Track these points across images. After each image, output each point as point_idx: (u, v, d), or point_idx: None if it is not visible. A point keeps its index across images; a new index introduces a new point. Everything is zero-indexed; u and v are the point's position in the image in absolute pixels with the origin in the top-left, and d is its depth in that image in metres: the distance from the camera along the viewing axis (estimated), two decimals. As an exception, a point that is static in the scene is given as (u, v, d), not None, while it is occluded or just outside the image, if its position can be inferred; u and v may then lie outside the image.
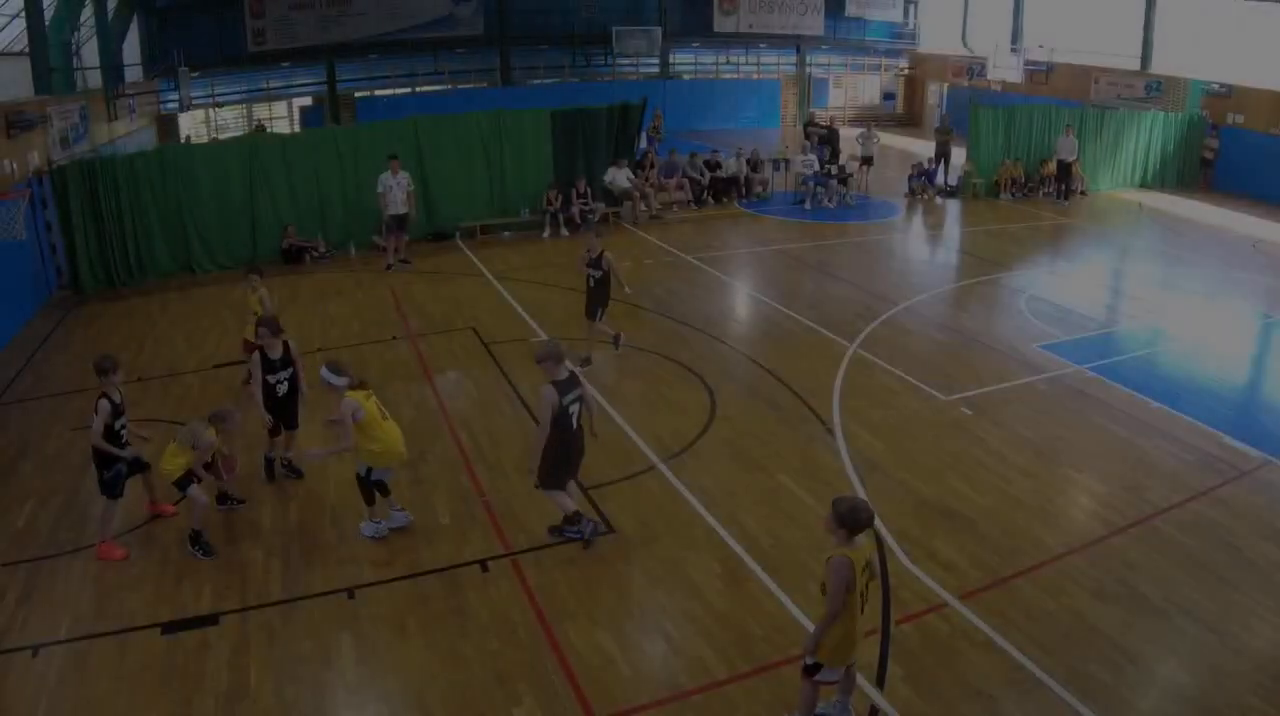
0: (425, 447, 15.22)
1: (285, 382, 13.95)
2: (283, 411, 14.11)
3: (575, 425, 12.36)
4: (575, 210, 30.76)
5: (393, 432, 12.30)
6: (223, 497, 13.61)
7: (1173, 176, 40.41)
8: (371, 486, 12.47)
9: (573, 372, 12.35)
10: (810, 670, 8.50)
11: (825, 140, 39.14)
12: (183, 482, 12.36)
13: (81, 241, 24.93)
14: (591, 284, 18.61)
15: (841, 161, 37.61)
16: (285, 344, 14.00)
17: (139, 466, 12.89)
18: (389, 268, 26.80)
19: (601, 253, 18.51)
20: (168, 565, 12.19)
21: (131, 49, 45.60)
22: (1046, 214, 33.85)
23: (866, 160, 38.46)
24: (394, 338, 20.90)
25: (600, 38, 55.77)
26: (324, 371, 12.02)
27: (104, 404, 12.03)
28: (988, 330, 20.68)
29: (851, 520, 8.10)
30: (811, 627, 8.81)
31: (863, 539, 8.27)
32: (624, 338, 19.26)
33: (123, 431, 12.47)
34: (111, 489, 12.43)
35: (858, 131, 39.82)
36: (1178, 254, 28.31)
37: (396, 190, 26.39)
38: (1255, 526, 12.68)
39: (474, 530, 12.84)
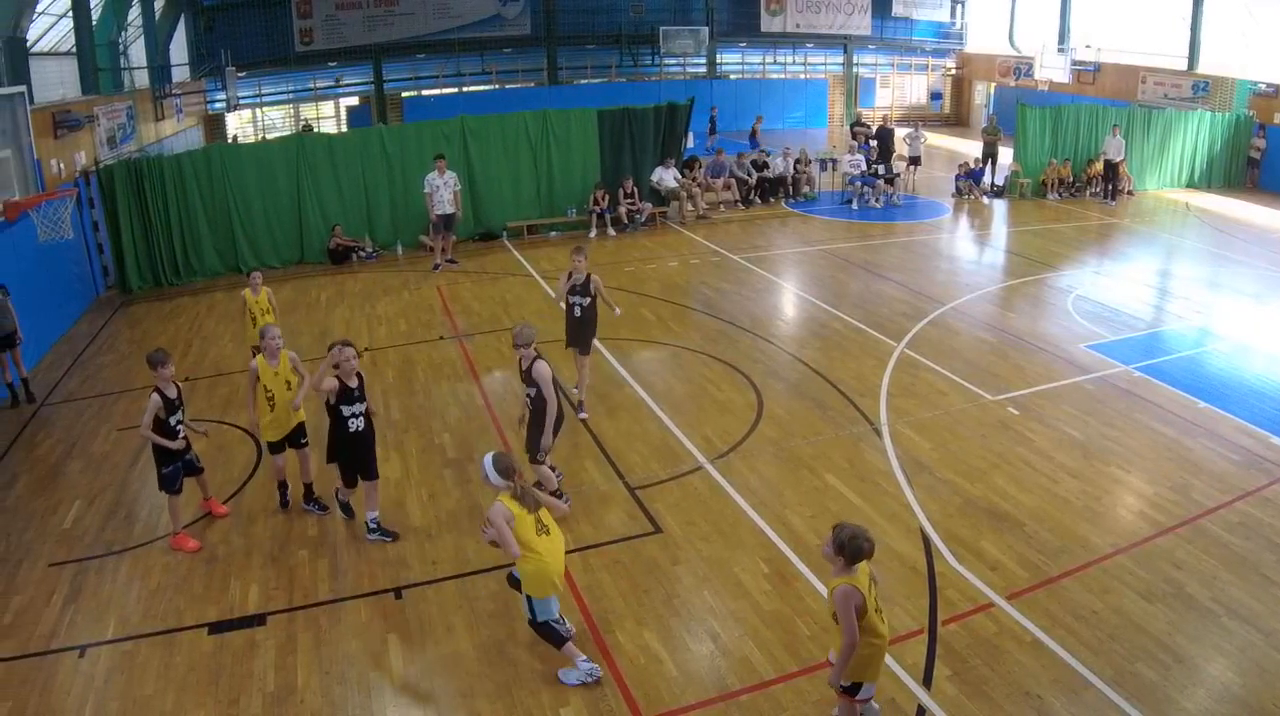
0: (473, 448, 15.33)
1: (361, 417, 12.44)
2: (359, 452, 12.54)
3: None
4: (622, 210, 30.94)
5: (551, 550, 9.79)
6: (309, 496, 13.71)
7: (1219, 176, 40.09)
8: (545, 629, 10.06)
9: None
10: (849, 690, 8.42)
11: (877, 139, 39.00)
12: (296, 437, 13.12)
13: (128, 241, 25.35)
14: (577, 314, 16.23)
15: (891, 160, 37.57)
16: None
17: (193, 469, 13.04)
18: (436, 268, 27.02)
19: (589, 276, 16.07)
20: (215, 565, 12.35)
21: (178, 48, 45.98)
22: (1093, 214, 33.70)
23: (914, 160, 38.52)
24: (441, 337, 21.05)
25: (647, 37, 55.78)
26: (487, 463, 9.82)
27: (154, 398, 12.16)
28: (1034, 330, 20.60)
29: (852, 549, 8.03)
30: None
31: (858, 568, 8.13)
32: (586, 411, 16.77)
33: (179, 427, 12.55)
34: (170, 485, 12.60)
35: (905, 132, 39.76)
36: (1224, 253, 28.11)
37: (443, 190, 26.56)
38: (1303, 527, 12.63)
39: (521, 530, 12.88)
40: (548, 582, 9.78)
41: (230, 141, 45.42)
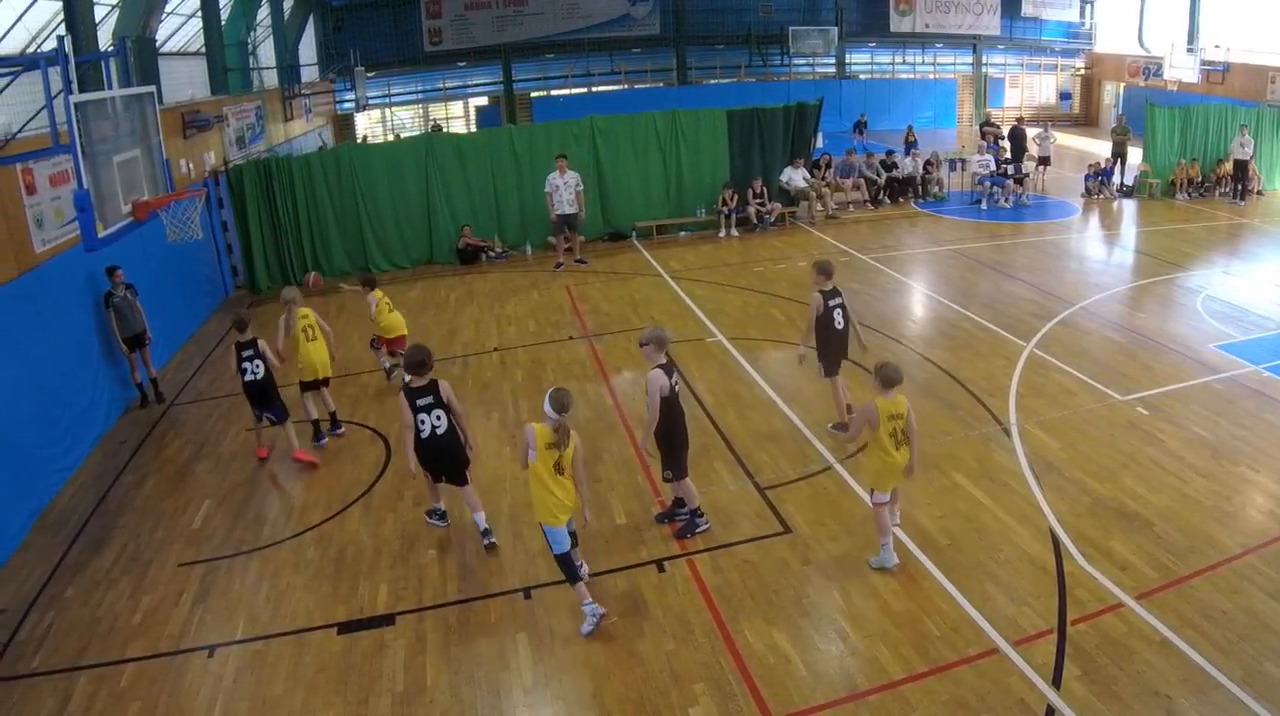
0: (602, 447, 15.58)
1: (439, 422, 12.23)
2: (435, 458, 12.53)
3: (682, 407, 12.54)
4: (751, 210, 31.11)
5: (554, 487, 10.68)
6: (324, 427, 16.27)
7: (1350, 175, 39.23)
8: (563, 562, 10.94)
9: (669, 358, 12.41)
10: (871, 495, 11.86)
11: (1010, 139, 38.91)
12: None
13: (257, 241, 26.06)
14: (839, 326, 15.63)
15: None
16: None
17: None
18: (559, 267, 27.36)
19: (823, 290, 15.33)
20: (344, 565, 12.72)
21: (307, 48, 46.90)
22: (1223, 213, 33.08)
23: (1043, 160, 38.19)
24: (570, 337, 21.34)
25: (776, 37, 56.00)
26: (549, 395, 10.63)
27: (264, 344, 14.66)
28: (1163, 330, 20.42)
29: (882, 375, 11.29)
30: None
31: (893, 393, 11.30)
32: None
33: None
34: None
35: (1034, 132, 39.50)
36: (1359, 254, 27.62)
37: (564, 190, 26.76)
38: None
39: (650, 530, 13.07)
40: (548, 511, 10.69)
41: (360, 141, 46.22)
